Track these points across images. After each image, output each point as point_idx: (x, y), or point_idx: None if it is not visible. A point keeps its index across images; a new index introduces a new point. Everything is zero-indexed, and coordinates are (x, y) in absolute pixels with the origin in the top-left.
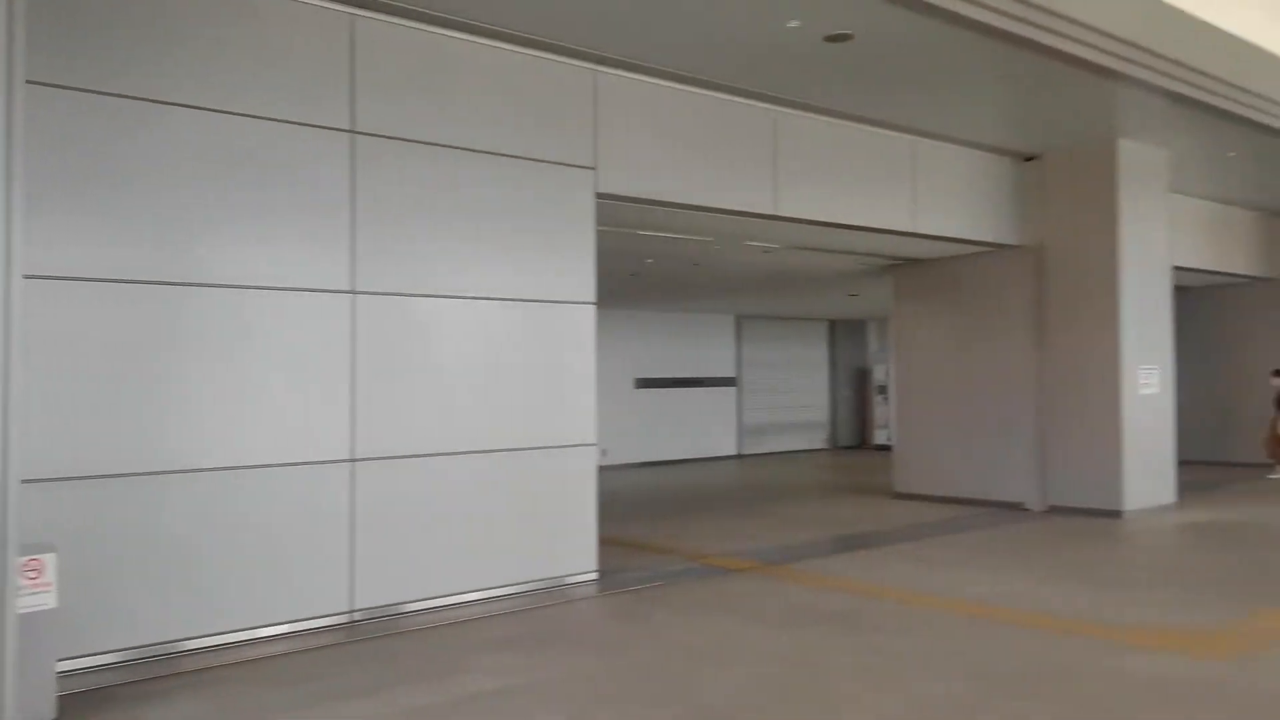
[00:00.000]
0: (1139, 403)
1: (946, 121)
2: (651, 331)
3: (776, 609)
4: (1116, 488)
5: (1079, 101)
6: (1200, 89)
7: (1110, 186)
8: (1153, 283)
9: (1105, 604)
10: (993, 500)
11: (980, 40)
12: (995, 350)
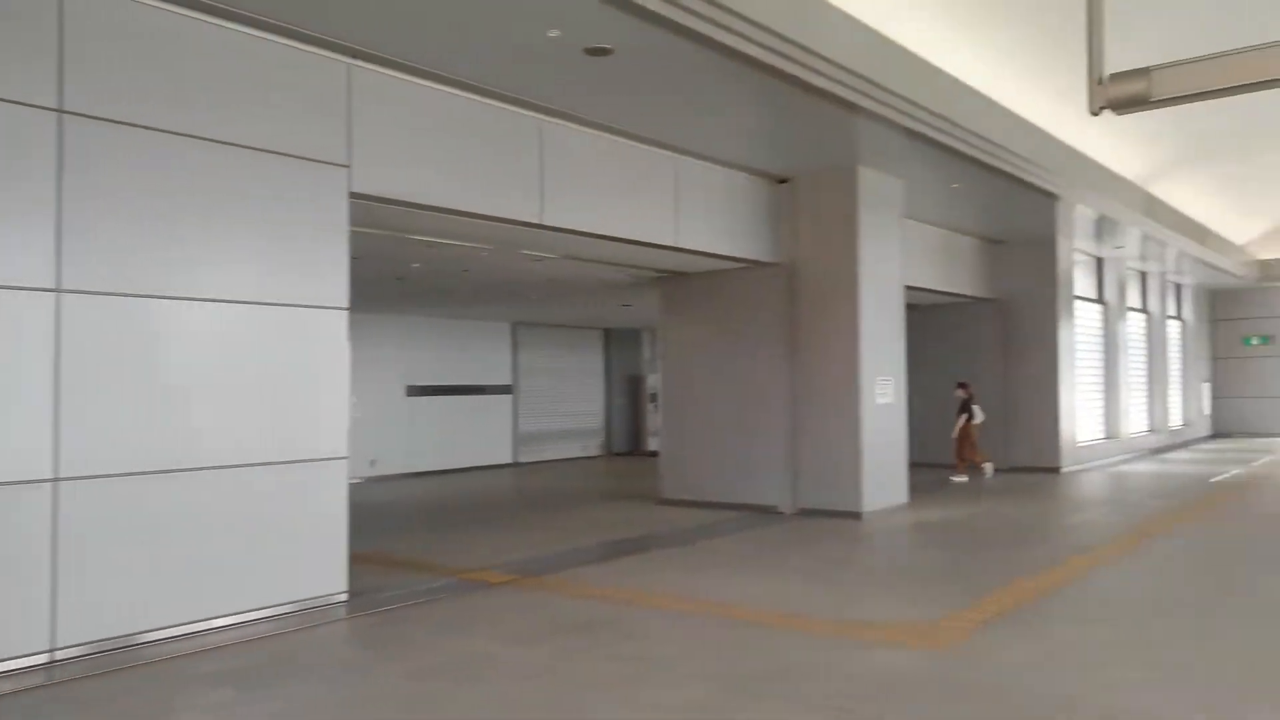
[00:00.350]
0: (876, 411)
1: (706, 141)
2: (424, 338)
3: (533, 622)
4: (856, 491)
5: (824, 130)
6: (931, 127)
7: (851, 210)
8: (888, 300)
9: (843, 602)
10: (750, 504)
11: (733, 65)
12: (752, 361)
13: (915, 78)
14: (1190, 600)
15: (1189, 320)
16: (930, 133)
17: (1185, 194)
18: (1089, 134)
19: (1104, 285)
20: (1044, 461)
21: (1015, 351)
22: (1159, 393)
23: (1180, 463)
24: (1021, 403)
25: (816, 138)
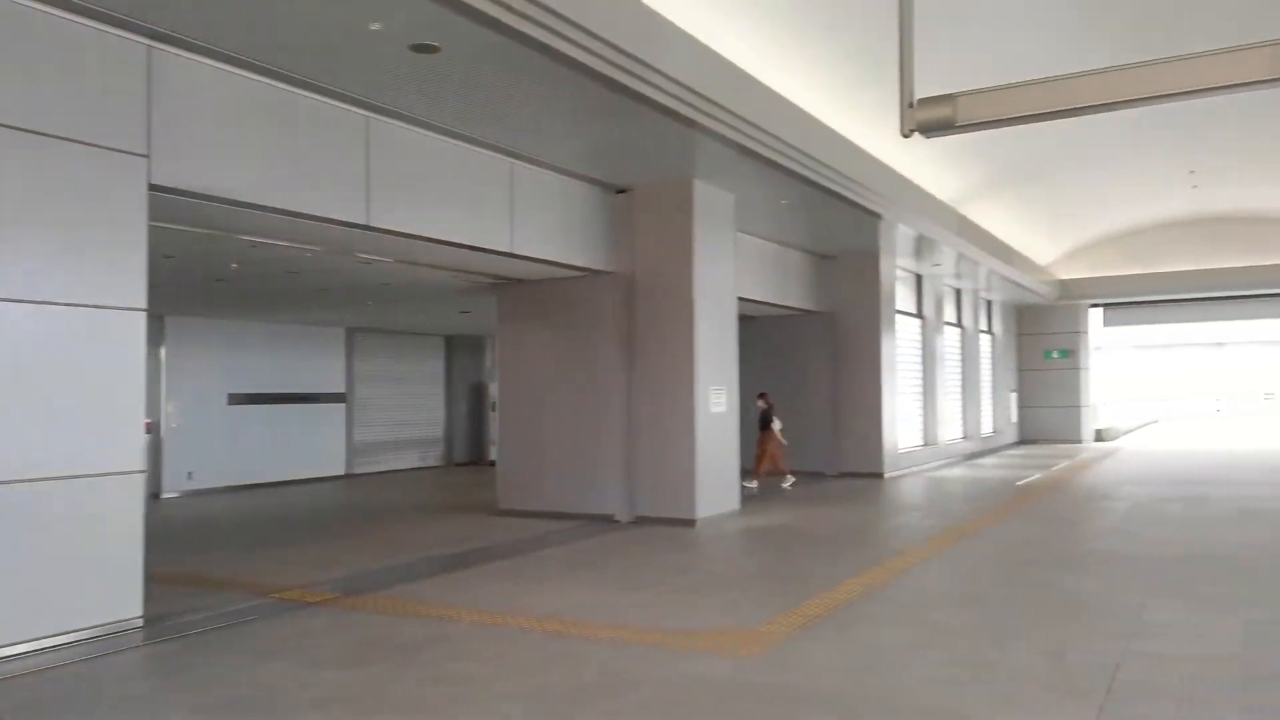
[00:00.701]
0: (710, 420)
1: (544, 148)
2: (250, 344)
3: (350, 645)
4: (691, 499)
5: (661, 143)
6: (763, 145)
7: (687, 223)
8: (722, 311)
9: (669, 611)
10: (588, 513)
11: (568, 73)
12: (590, 369)
13: (749, 97)
14: (992, 598)
15: (998, 334)
16: (762, 150)
17: (994, 216)
18: (908, 157)
19: (923, 300)
20: (869, 467)
21: (843, 363)
22: (972, 402)
23: (990, 467)
24: (849, 411)
25: (653, 150)
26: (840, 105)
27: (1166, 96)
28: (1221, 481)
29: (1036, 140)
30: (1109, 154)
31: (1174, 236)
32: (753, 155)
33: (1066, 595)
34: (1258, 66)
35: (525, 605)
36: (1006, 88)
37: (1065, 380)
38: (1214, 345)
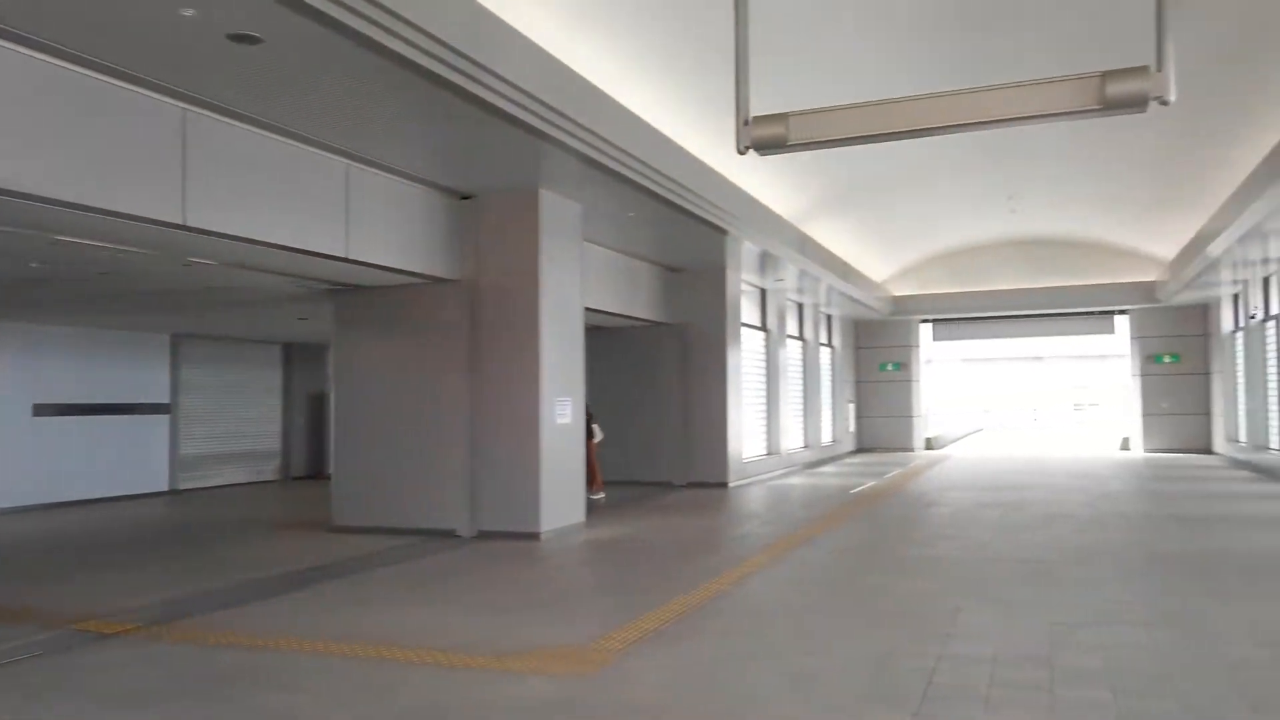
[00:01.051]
0: (555, 432)
1: (382, 150)
2: (59, 350)
3: (149, 679)
4: (535, 511)
5: (505, 150)
6: (609, 156)
7: (533, 231)
8: (568, 322)
9: (505, 630)
10: (428, 529)
11: (405, 74)
12: (431, 379)
13: (596, 108)
14: (821, 606)
15: (838, 348)
16: (609, 163)
17: (834, 235)
18: (753, 176)
19: (767, 314)
20: (715, 477)
21: (691, 374)
22: (813, 412)
23: (828, 476)
24: (697, 422)
25: (497, 157)
26: (687, 123)
27: (985, 123)
28: (1035, 487)
29: (872, 163)
30: (937, 178)
31: (996, 257)
32: (599, 167)
33: (891, 600)
34: (1069, 98)
35: (352, 629)
36: (834, 109)
37: (899, 391)
38: (1032, 360)
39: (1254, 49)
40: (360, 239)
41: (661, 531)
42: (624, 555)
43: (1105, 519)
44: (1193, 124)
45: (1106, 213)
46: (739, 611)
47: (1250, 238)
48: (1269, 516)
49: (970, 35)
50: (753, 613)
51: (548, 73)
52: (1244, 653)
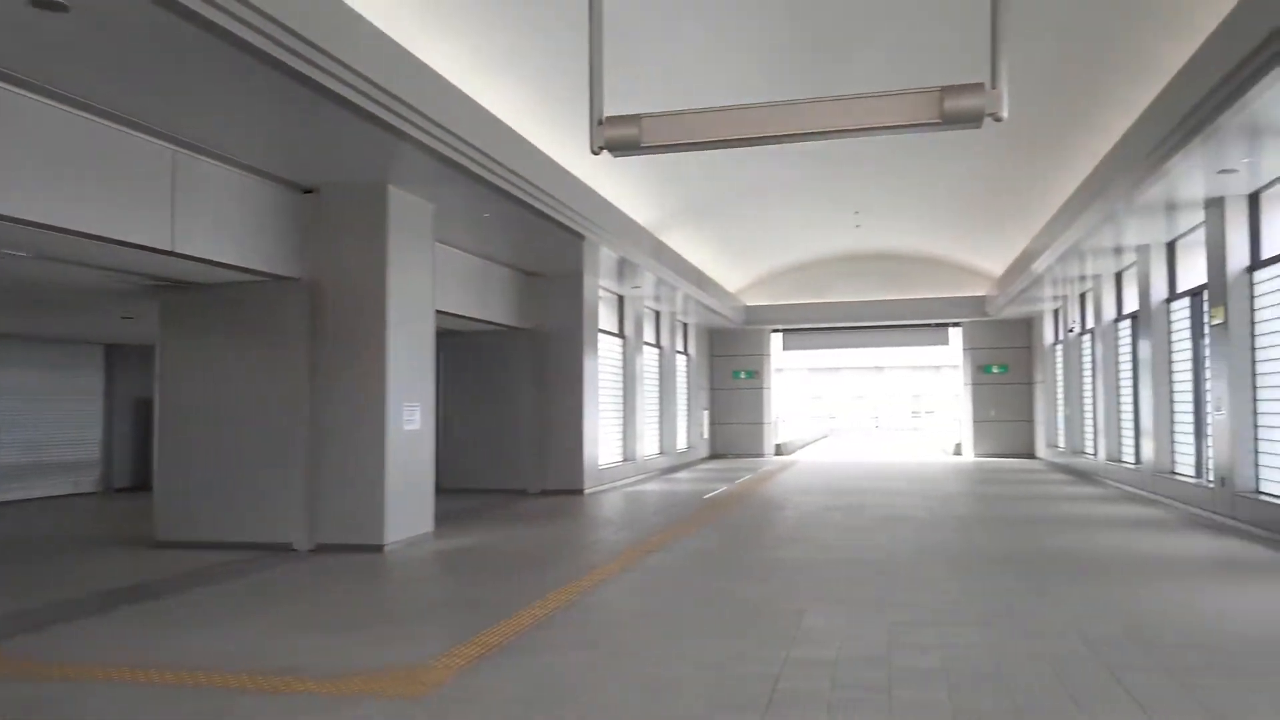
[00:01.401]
0: (403, 439)
1: (214, 137)
2: None
3: None
4: (379, 522)
5: (351, 143)
6: (463, 155)
7: (381, 229)
8: (418, 324)
9: (336, 649)
10: (262, 542)
11: (238, 55)
12: (269, 383)
13: (449, 104)
14: (671, 613)
15: (693, 355)
16: (462, 161)
17: (690, 245)
18: (611, 183)
19: (624, 321)
20: (571, 484)
21: (548, 380)
22: (668, 419)
23: (683, 481)
24: (552, 428)
25: (342, 150)
26: (545, 126)
27: (831, 133)
28: (876, 490)
29: (727, 176)
30: (788, 193)
31: (842, 270)
32: (452, 165)
33: (739, 605)
34: (910, 111)
35: (168, 654)
36: (686, 113)
37: (751, 399)
38: (874, 369)
39: (1079, 76)
40: (187, 231)
41: (513, 540)
42: (473, 566)
43: (941, 520)
44: (1020, 148)
45: (943, 230)
46: (589, 621)
47: (1069, 256)
48: (1086, 517)
49: (820, 54)
50: (604, 622)
51: (398, 63)
52: (1067, 647)
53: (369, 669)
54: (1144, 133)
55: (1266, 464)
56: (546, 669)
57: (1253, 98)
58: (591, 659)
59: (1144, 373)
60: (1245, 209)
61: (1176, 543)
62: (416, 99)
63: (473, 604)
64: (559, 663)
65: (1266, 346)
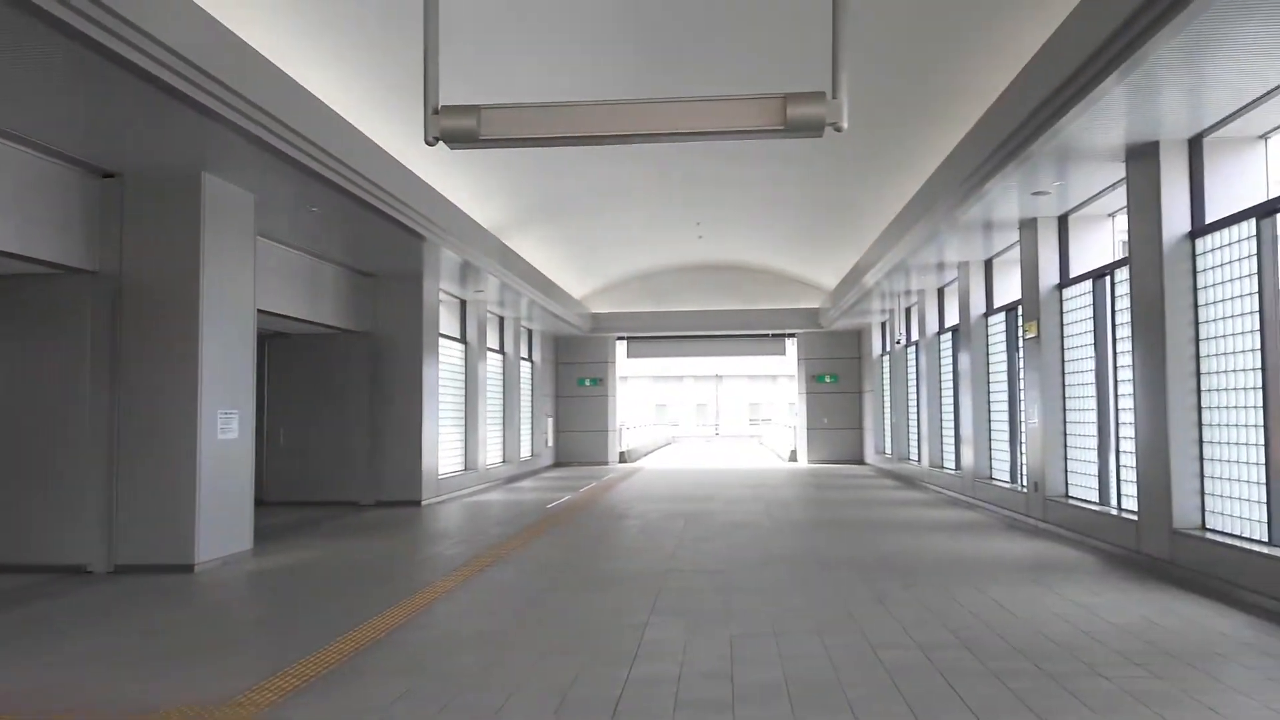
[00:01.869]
0: (217, 448)
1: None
2: None
3: None
4: (189, 540)
5: (158, 123)
6: (287, 143)
7: (194, 220)
8: (236, 325)
9: (131, 686)
10: (50, 565)
11: (16, 16)
12: (59, 387)
13: (270, 85)
14: (506, 633)
15: (538, 362)
16: (285, 148)
17: (536, 250)
18: (453, 183)
19: (467, 326)
20: (408, 495)
21: (383, 386)
22: (512, 427)
23: (526, 490)
24: (388, 437)
25: (149, 131)
26: (385, 121)
27: (675, 135)
28: (717, 498)
29: (573, 180)
30: (634, 200)
31: (685, 279)
32: (273, 152)
33: (580, 620)
34: (754, 117)
35: None
36: (527, 106)
37: (595, 406)
38: (714, 378)
39: (911, 97)
40: None
41: (342, 557)
42: (294, 587)
43: (780, 526)
44: (856, 166)
45: (782, 243)
46: (417, 645)
47: (896, 271)
48: (914, 521)
49: (667, 57)
50: (432, 645)
51: (212, 38)
52: (904, 655)
53: (166, 708)
54: (966, 155)
55: (1075, 470)
56: (371, 700)
57: (1064, 125)
58: (417, 688)
59: (964, 383)
60: (1055, 230)
61: (997, 546)
62: (234, 79)
63: (290, 630)
64: (380, 694)
65: (1075, 359)
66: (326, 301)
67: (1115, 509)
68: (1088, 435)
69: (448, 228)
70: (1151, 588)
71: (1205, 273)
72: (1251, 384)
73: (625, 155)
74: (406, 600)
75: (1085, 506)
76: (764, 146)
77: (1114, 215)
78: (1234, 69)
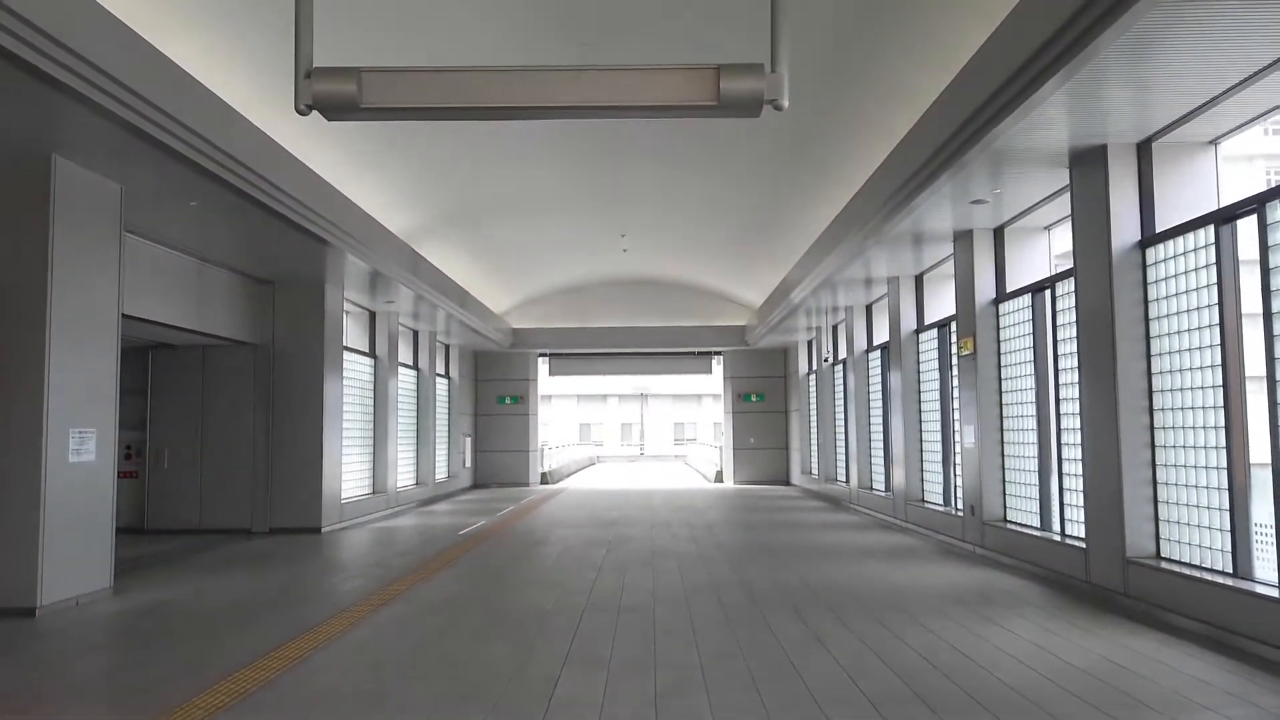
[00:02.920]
0: (69, 473)
1: None
2: None
3: None
4: (30, 578)
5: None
6: (153, 124)
7: (41, 211)
8: (95, 332)
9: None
10: None
11: None
12: None
13: (134, 57)
14: (397, 690)
15: (455, 379)
16: (152, 130)
17: (452, 260)
18: (362, 187)
19: (376, 339)
20: (306, 521)
21: (281, 402)
22: (427, 447)
23: (440, 515)
24: (286, 458)
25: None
26: (283, 113)
27: (593, 109)
28: (640, 521)
29: (491, 188)
30: (557, 207)
31: (609, 295)
32: (139, 135)
33: (482, 671)
34: (684, 89)
35: None
36: (419, 70)
37: (516, 425)
38: (639, 398)
39: (842, 107)
40: None
41: (219, 593)
42: (155, 631)
43: (706, 553)
44: (786, 174)
45: (709, 257)
46: (290, 704)
47: (824, 287)
48: (846, 546)
49: (587, 28)
50: (308, 704)
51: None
52: (853, 714)
53: None
54: (898, 164)
55: (1014, 493)
56: None
57: (1003, 129)
58: None
59: (894, 402)
60: (991, 243)
61: (937, 574)
62: (85, 45)
63: (130, 690)
64: None
65: (1013, 377)
66: (217, 310)
67: (1059, 535)
68: (1027, 456)
69: (355, 233)
70: (1107, 622)
71: (1157, 284)
72: (1211, 402)
73: (548, 159)
74: (286, 645)
75: (1026, 532)
76: (692, 150)
77: (1050, 228)
78: (1183, 70)
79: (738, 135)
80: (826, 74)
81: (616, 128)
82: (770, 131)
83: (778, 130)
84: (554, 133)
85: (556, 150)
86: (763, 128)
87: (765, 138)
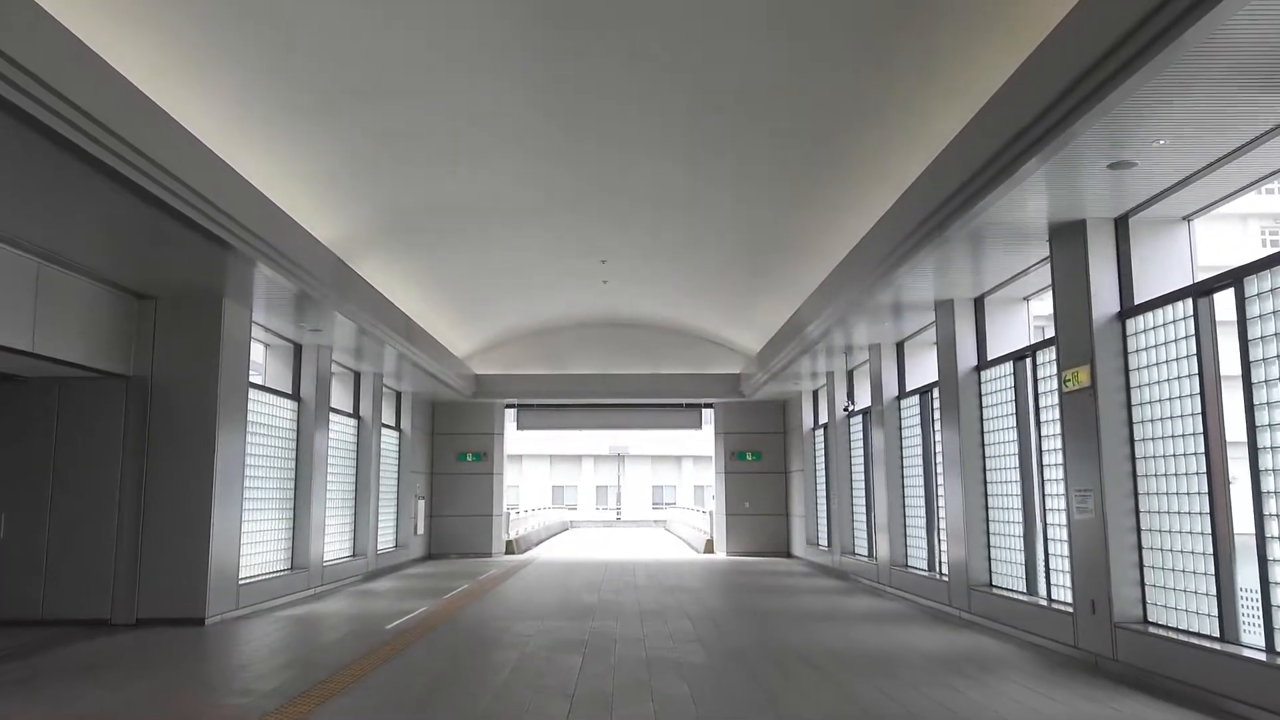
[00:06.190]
0: None
1: None
2: None
3: None
4: None
5: None
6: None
7: None
8: None
9: None
10: None
11: None
12: None
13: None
14: None
15: (407, 431)
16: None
17: (407, 293)
18: (284, 189)
19: (301, 378)
20: (184, 610)
21: (158, 453)
22: (367, 510)
23: (375, 596)
24: (160, 526)
25: None
26: (174, 81)
27: None
28: (625, 609)
29: (451, 215)
30: (528, 241)
31: (586, 337)
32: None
33: None
34: None
35: None
36: None
37: (478, 486)
38: (615, 457)
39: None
40: None
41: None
42: None
43: (718, 665)
44: (781, 212)
45: (697, 300)
46: None
47: (837, 326)
48: (905, 650)
49: None
50: None
51: None
52: None
53: None
54: (882, 235)
55: (999, 558)
56: None
57: (982, 208)
58: None
59: (947, 460)
60: (972, 312)
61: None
62: None
63: None
64: None
65: (995, 444)
66: (69, 328)
67: (1046, 600)
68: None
69: (268, 238)
70: (1099, 687)
71: (1137, 354)
72: (1195, 469)
73: (514, 182)
74: None
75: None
76: (676, 196)
77: (1029, 299)
78: (1158, 151)
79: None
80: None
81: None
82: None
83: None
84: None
85: (528, 170)
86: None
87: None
